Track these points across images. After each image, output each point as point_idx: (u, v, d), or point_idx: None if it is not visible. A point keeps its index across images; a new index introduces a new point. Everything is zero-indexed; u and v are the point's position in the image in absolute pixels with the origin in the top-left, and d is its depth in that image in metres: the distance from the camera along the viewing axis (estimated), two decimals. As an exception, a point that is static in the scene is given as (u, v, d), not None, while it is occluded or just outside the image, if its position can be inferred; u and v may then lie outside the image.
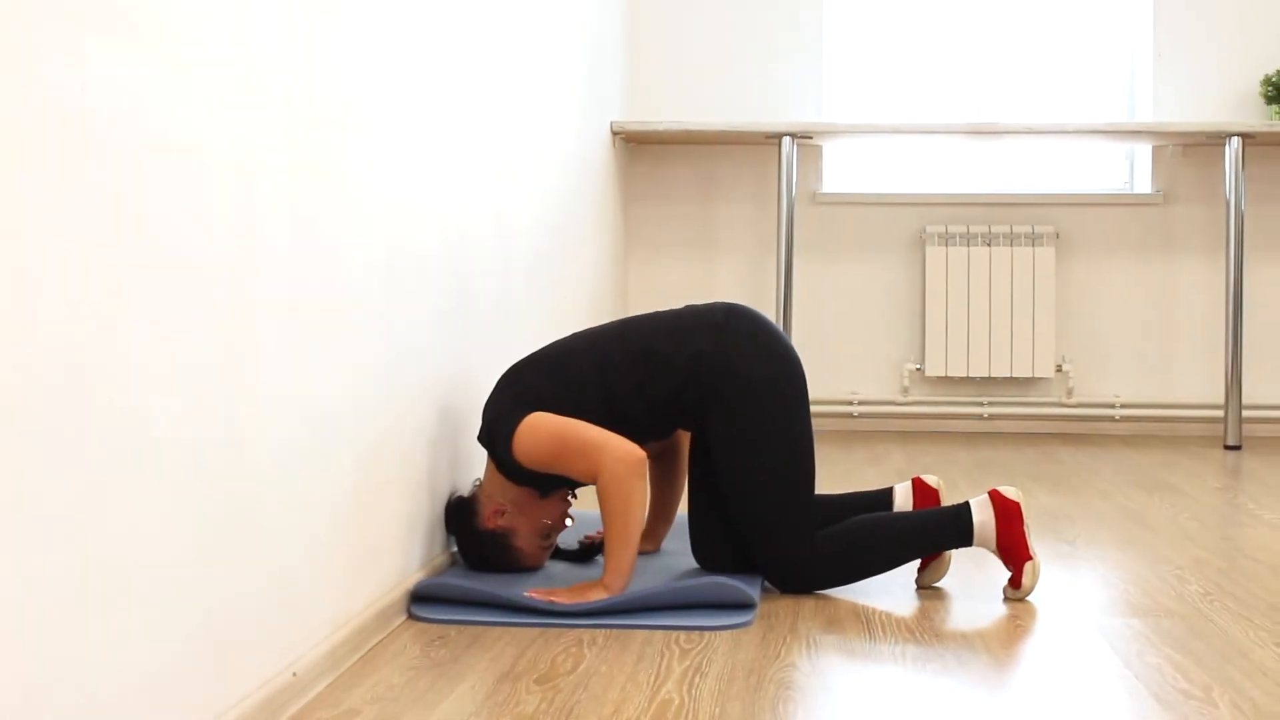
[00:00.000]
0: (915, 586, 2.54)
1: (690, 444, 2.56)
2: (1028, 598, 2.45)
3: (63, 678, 1.26)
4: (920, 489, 2.60)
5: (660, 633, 2.19)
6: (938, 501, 2.56)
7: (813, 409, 5.21)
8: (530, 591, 2.28)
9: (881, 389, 5.27)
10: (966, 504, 2.48)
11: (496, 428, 2.42)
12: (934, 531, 2.47)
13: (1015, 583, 2.44)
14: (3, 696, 1.17)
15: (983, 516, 2.46)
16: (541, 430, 2.36)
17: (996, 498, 2.47)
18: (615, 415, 2.42)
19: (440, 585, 2.33)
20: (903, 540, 2.46)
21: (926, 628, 2.27)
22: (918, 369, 5.22)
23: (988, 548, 2.47)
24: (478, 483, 2.59)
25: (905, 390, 5.23)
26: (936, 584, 2.54)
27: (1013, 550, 2.44)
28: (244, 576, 1.66)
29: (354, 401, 2.06)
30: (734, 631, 2.21)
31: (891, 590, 2.51)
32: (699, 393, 2.42)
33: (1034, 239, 5.13)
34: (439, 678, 1.95)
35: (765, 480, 2.42)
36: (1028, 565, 2.43)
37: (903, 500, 2.57)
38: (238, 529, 1.63)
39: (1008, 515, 2.45)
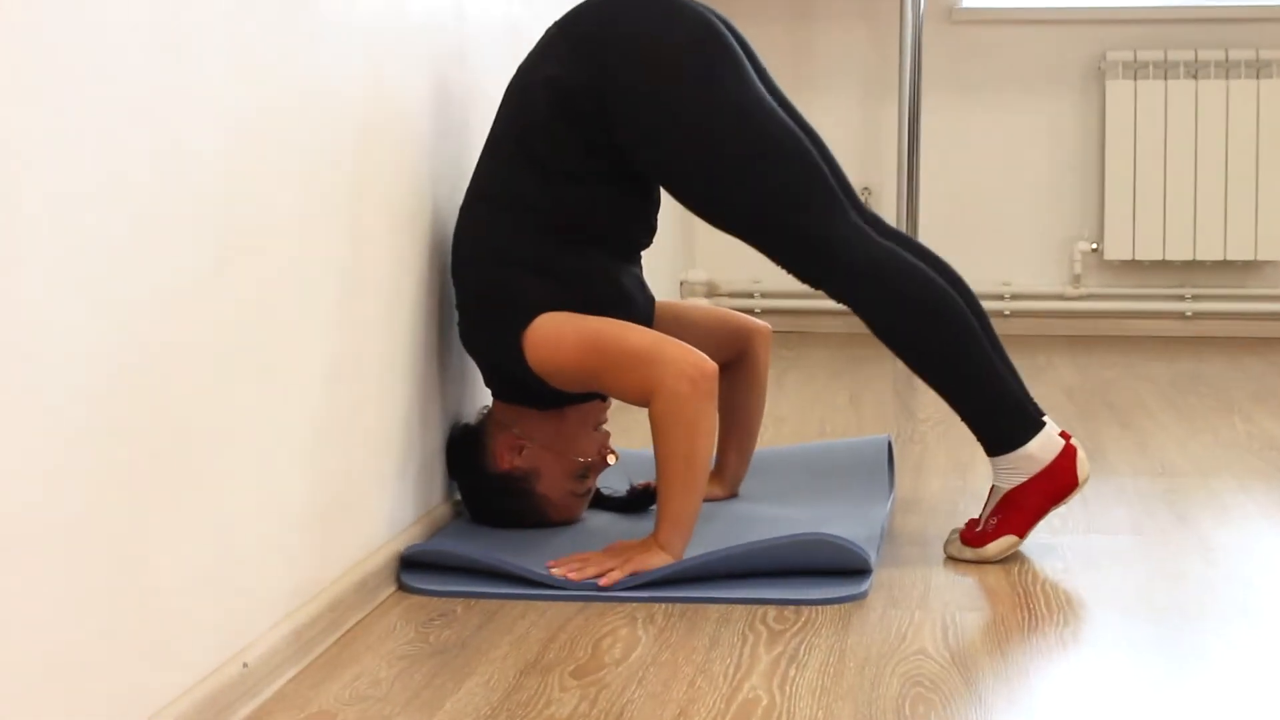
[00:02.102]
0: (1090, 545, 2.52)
1: None
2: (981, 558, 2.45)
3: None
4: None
5: (741, 608, 2.19)
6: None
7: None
8: (553, 565, 2.29)
9: (1044, 278, 5.23)
10: (1045, 422, 2.46)
11: (497, 350, 2.43)
12: (1001, 396, 2.43)
13: (977, 540, 2.44)
14: None
15: (1043, 451, 2.44)
16: (569, 337, 2.37)
17: (1065, 461, 2.44)
18: (575, 231, 2.44)
19: (436, 551, 2.34)
20: (963, 362, 2.43)
21: (1104, 600, 2.25)
22: (1094, 250, 5.17)
23: (998, 481, 2.45)
24: (486, 410, 2.59)
25: (1077, 279, 5.19)
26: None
27: (1017, 513, 2.43)
28: (176, 536, 1.66)
29: (312, 290, 2.04)
30: (842, 606, 2.20)
31: (1057, 548, 2.50)
32: (593, 122, 2.41)
33: (1258, 68, 5.04)
34: (441, 669, 1.95)
35: (725, 162, 2.41)
36: (1010, 538, 2.44)
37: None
38: (165, 476, 1.63)
39: (1054, 481, 2.43)
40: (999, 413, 2.46)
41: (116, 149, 1.52)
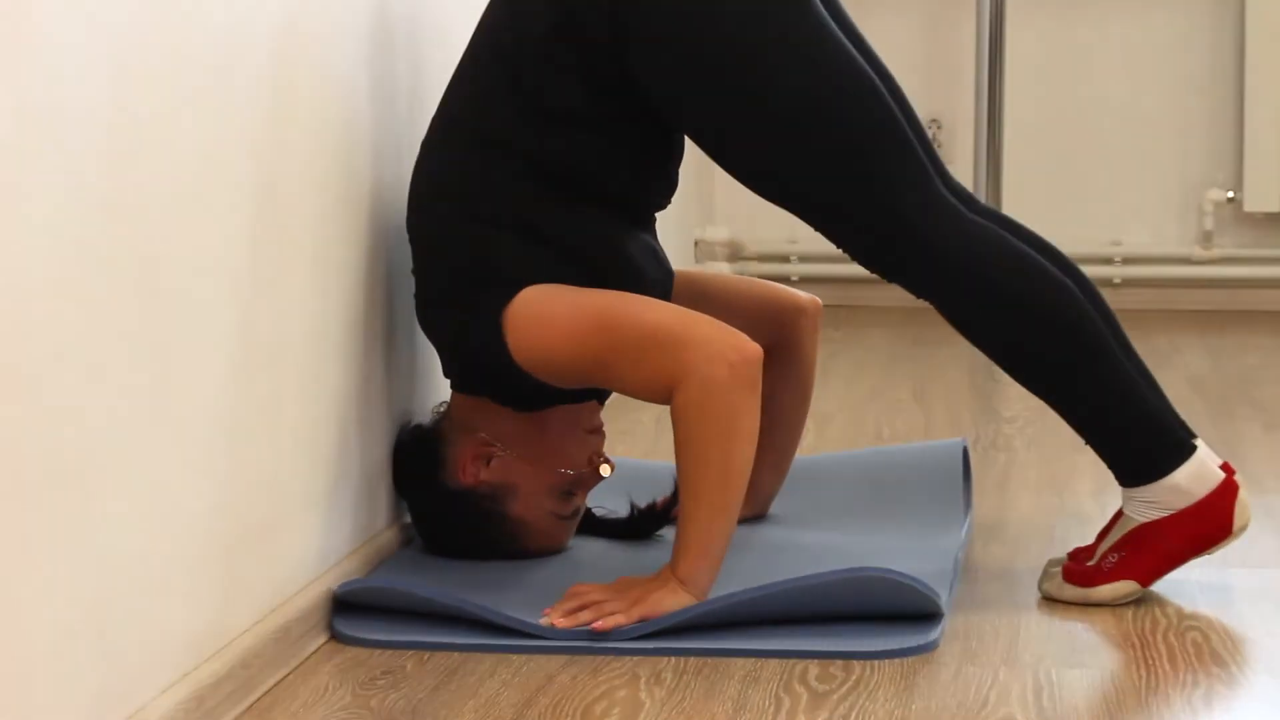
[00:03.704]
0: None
1: None
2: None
3: None
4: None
5: (774, 663, 2.20)
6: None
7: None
8: (548, 613, 2.29)
9: (1165, 236, 5.28)
10: (1198, 445, 2.47)
11: (468, 333, 2.44)
12: (1138, 416, 2.44)
13: (1087, 577, 2.45)
14: None
15: (1193, 483, 2.43)
16: (564, 315, 2.39)
17: (1220, 500, 2.44)
18: (572, 185, 2.45)
19: (380, 589, 2.35)
20: (1088, 375, 2.45)
21: (1246, 654, 2.26)
22: (1230, 200, 5.20)
23: (1129, 510, 2.46)
24: (443, 408, 2.61)
25: (1208, 238, 5.23)
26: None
27: (1147, 554, 2.43)
28: (44, 574, 1.66)
29: (213, 251, 2.04)
30: (905, 661, 2.21)
31: (1184, 586, 2.49)
32: (604, 52, 2.40)
33: None
34: (384, 744, 1.96)
35: (779, 118, 2.42)
36: (1129, 584, 2.43)
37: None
38: (29, 497, 1.63)
39: (1202, 523, 2.43)
40: (1136, 436, 2.46)
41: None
